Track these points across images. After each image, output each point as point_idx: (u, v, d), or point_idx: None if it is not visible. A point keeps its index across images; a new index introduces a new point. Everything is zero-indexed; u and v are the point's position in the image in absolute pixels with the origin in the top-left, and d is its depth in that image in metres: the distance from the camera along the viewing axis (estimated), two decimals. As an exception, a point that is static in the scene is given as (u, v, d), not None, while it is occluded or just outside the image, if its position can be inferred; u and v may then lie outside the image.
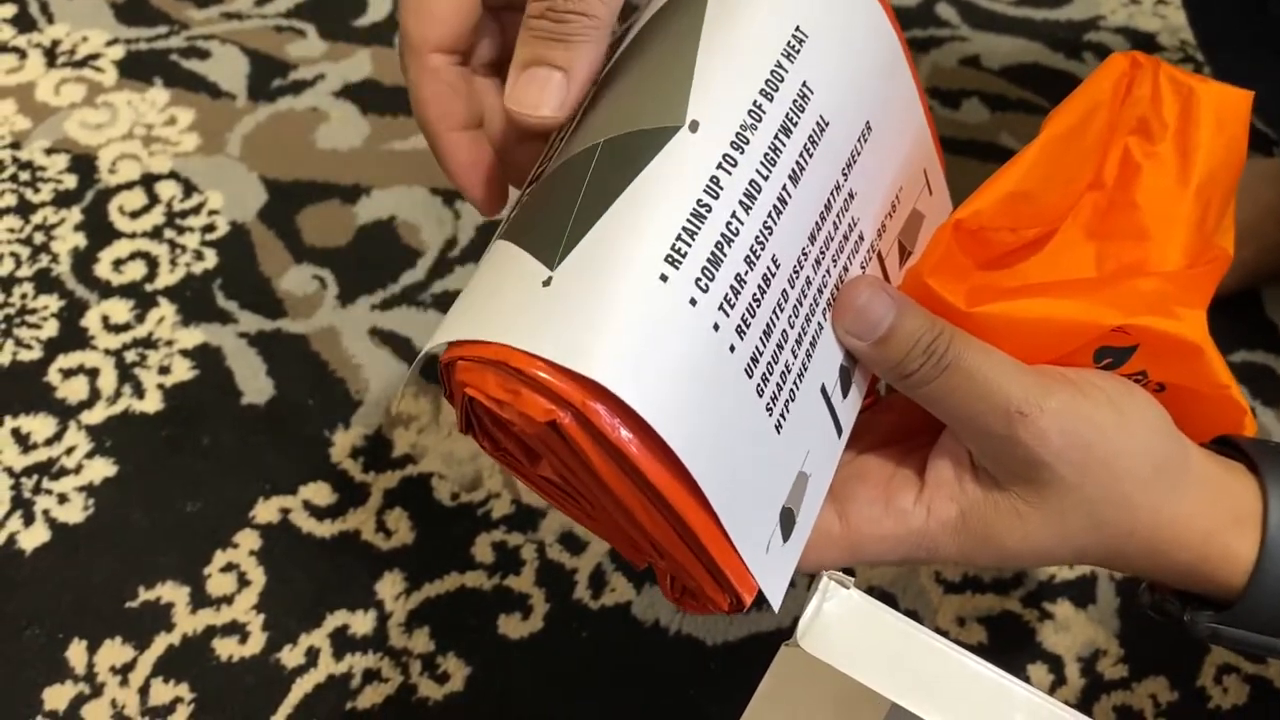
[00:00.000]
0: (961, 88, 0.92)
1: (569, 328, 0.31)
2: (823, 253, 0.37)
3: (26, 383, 0.75)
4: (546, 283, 0.32)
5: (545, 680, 0.64)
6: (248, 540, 0.68)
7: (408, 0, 0.39)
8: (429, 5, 0.39)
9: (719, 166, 0.34)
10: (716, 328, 0.33)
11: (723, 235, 0.33)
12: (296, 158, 0.87)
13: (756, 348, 0.34)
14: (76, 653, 0.64)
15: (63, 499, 0.70)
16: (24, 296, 0.79)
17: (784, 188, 0.35)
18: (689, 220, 0.33)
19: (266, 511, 0.69)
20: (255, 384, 0.75)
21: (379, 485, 0.71)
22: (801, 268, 0.36)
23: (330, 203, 0.85)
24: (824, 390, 0.37)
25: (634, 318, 0.32)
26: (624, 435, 0.31)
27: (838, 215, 0.37)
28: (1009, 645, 0.65)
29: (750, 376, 0.34)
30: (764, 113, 0.35)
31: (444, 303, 0.79)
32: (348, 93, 0.92)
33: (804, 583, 0.67)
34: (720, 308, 0.33)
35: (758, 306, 0.34)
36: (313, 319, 0.78)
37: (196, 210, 0.84)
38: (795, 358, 0.36)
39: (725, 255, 0.33)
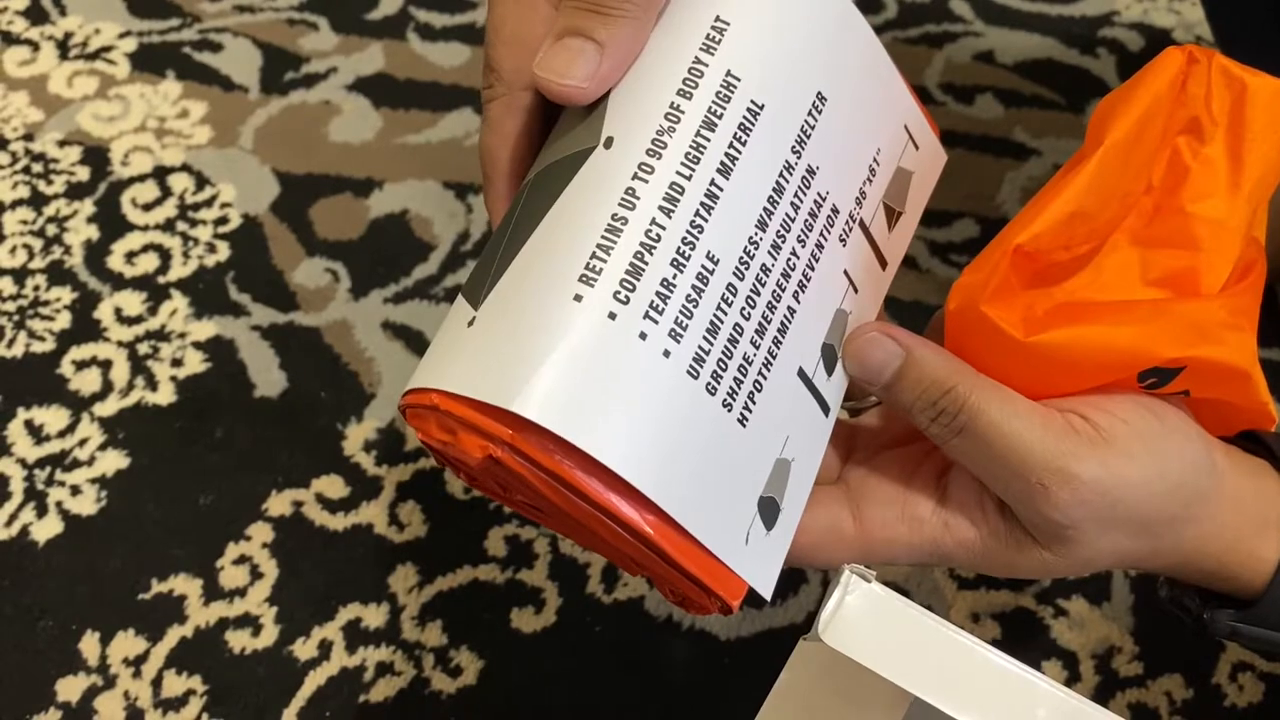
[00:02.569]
0: (975, 83, 0.92)
1: (489, 366, 0.32)
2: (781, 236, 0.36)
3: (39, 374, 0.75)
4: (470, 323, 0.34)
5: (558, 674, 0.64)
6: (260, 533, 0.68)
7: (501, 30, 0.37)
8: (527, 36, 0.37)
9: (634, 177, 0.34)
10: (644, 336, 0.33)
11: (641, 245, 0.33)
12: (309, 151, 0.87)
13: (699, 349, 0.33)
14: (89, 644, 0.64)
15: (75, 491, 0.70)
16: (37, 288, 0.79)
17: (712, 182, 0.34)
18: (603, 236, 0.33)
19: (279, 504, 0.69)
20: (268, 377, 0.75)
21: (392, 478, 0.70)
22: (752, 257, 0.35)
23: (343, 196, 0.85)
24: (802, 373, 0.37)
25: (552, 344, 0.32)
26: (561, 461, 0.31)
27: (796, 195, 0.36)
28: (1023, 642, 0.64)
29: (696, 378, 0.33)
30: (682, 113, 0.35)
31: (456, 297, 0.79)
32: (360, 86, 0.91)
33: (818, 578, 0.67)
34: (646, 316, 0.33)
35: (694, 307, 0.34)
36: (325, 312, 0.78)
37: (209, 203, 0.84)
38: (757, 348, 0.35)
39: (646, 264, 0.33)
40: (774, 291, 0.36)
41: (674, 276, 0.33)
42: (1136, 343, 0.38)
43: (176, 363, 0.75)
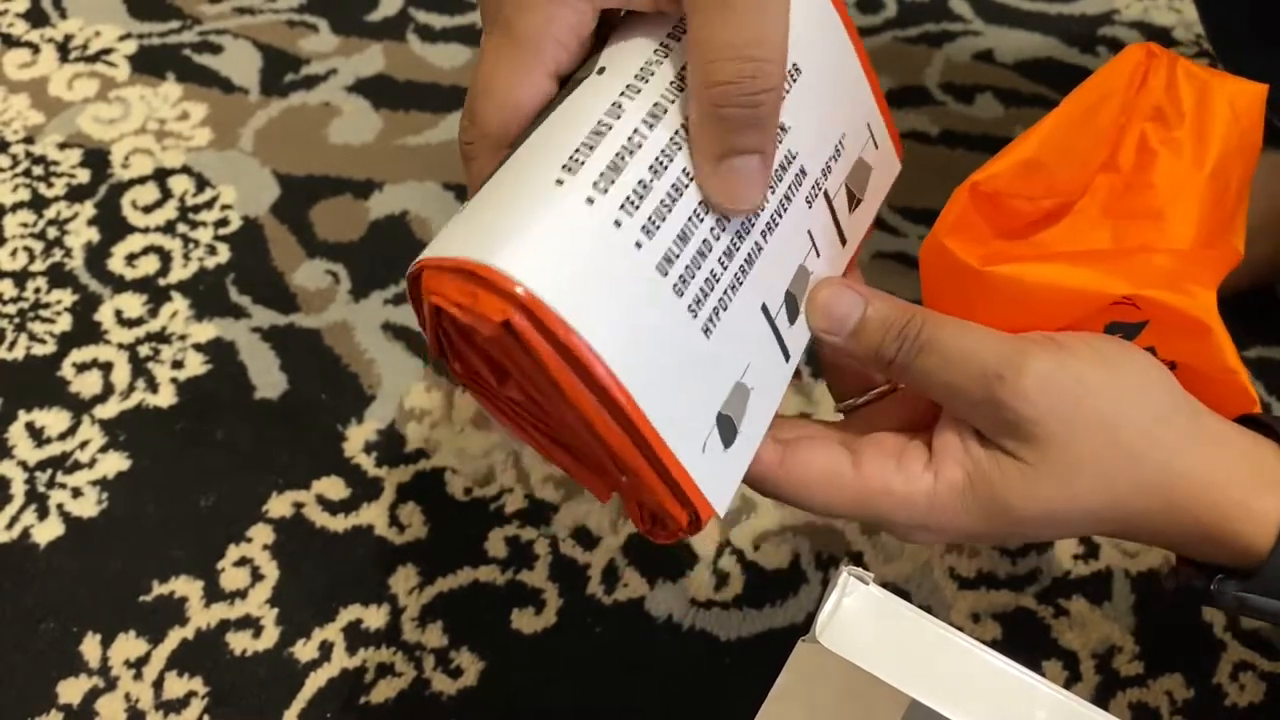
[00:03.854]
0: (975, 83, 0.92)
1: (482, 235, 0.34)
2: None
3: (40, 377, 0.75)
4: (463, 205, 0.36)
5: (558, 675, 0.64)
6: (261, 534, 0.68)
7: (491, 89, 0.37)
8: (511, 96, 0.37)
9: (621, 94, 0.36)
10: (618, 224, 0.34)
11: (624, 146, 0.35)
12: (309, 152, 0.87)
13: (670, 249, 0.35)
14: (90, 646, 0.64)
15: (76, 493, 0.70)
16: (37, 291, 0.79)
17: None
18: (588, 137, 0.35)
19: (280, 506, 0.69)
20: (268, 378, 0.75)
21: (392, 480, 0.71)
22: None
23: (343, 198, 0.85)
24: (765, 310, 0.38)
25: (534, 219, 0.34)
26: (570, 334, 0.33)
27: None
28: (1023, 642, 0.64)
29: (665, 275, 0.35)
30: (669, 50, 0.37)
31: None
32: (360, 87, 0.91)
33: (818, 577, 0.67)
34: (622, 207, 0.34)
35: (667, 211, 0.35)
36: (325, 313, 0.78)
37: (209, 205, 0.84)
38: (725, 269, 0.37)
39: (626, 163, 0.35)
40: (743, 224, 0.37)
41: (650, 180, 0.35)
42: (1093, 281, 0.40)
43: (177, 365, 0.75)
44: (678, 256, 0.35)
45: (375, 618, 0.65)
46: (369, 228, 0.83)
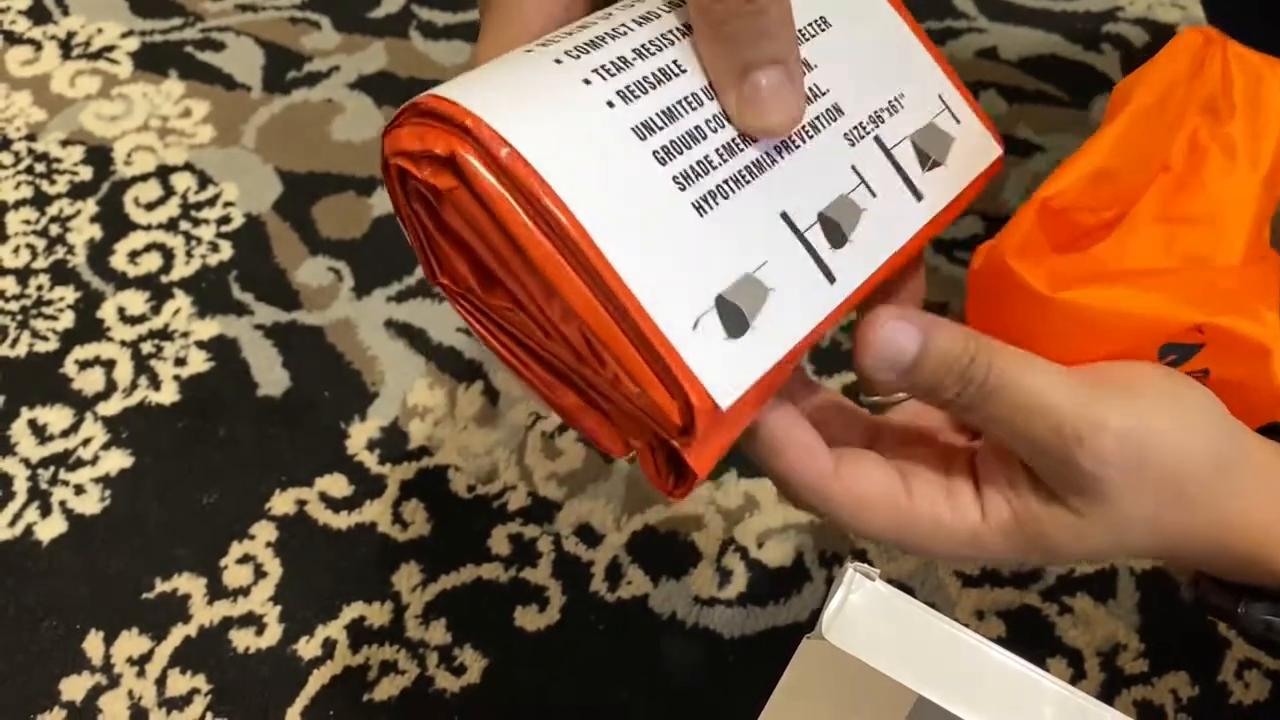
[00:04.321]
0: (979, 79, 0.92)
1: (462, 81, 0.32)
2: None
3: (43, 374, 0.75)
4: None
5: (562, 672, 0.63)
6: (264, 532, 0.68)
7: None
8: None
9: (620, 8, 0.35)
10: (588, 83, 0.33)
11: (606, 33, 0.34)
12: (311, 150, 0.87)
13: (651, 119, 0.33)
14: (93, 644, 0.64)
15: (79, 490, 0.70)
16: (40, 288, 0.79)
17: (688, 25, 0.35)
18: (573, 31, 0.34)
19: (283, 503, 0.69)
20: (271, 376, 0.75)
21: (395, 477, 0.70)
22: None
23: (345, 194, 0.85)
24: (787, 218, 0.36)
25: (495, 72, 0.33)
26: (513, 161, 0.31)
27: None
28: (1028, 639, 0.64)
29: (642, 140, 0.33)
30: None
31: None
32: (362, 84, 0.91)
33: (821, 575, 0.67)
34: (595, 70, 0.33)
35: (650, 87, 0.34)
36: (328, 311, 0.78)
37: (212, 202, 0.84)
38: (722, 160, 0.34)
39: (605, 43, 0.34)
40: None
41: (631, 58, 0.34)
42: (1162, 306, 0.38)
43: (180, 362, 0.75)
44: (660, 129, 0.33)
45: (378, 615, 0.65)
46: (371, 225, 0.83)
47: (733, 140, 0.35)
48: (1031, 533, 0.38)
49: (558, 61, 0.33)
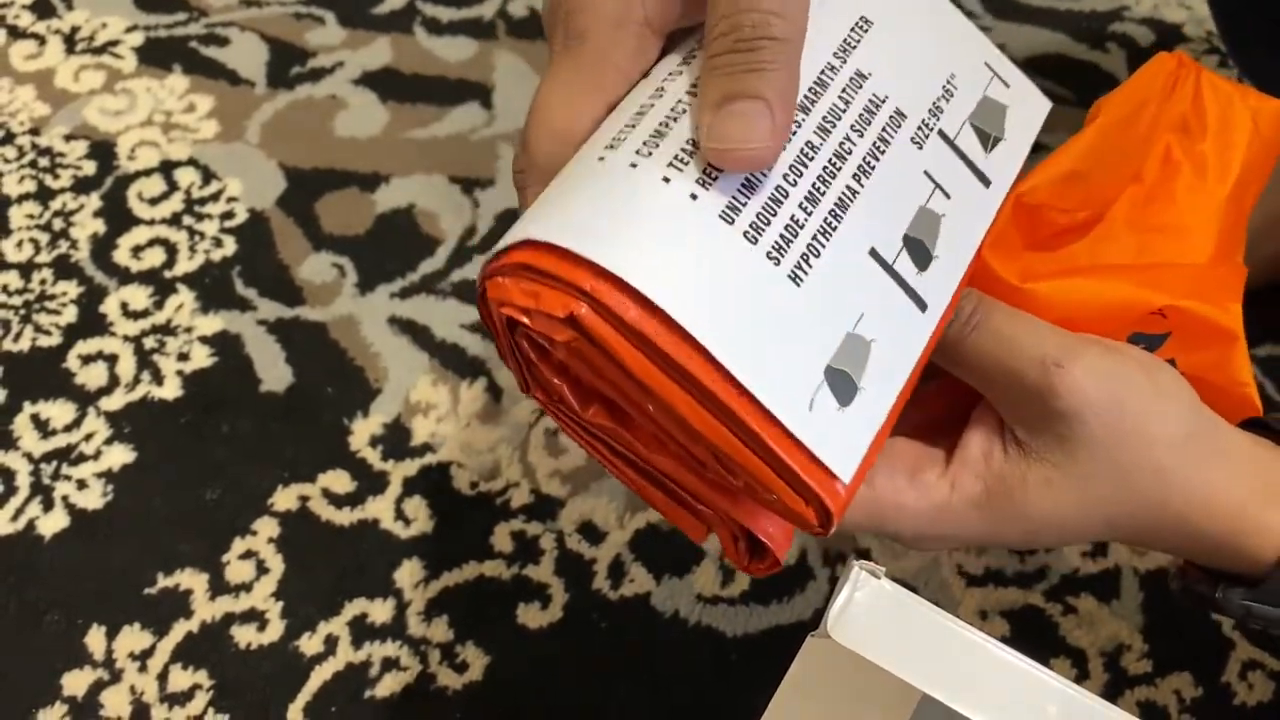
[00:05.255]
0: (984, 78, 0.91)
1: (546, 213, 0.33)
2: (829, 122, 0.36)
3: (46, 369, 0.75)
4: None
5: (564, 670, 0.63)
6: (267, 528, 0.68)
7: (547, 118, 0.35)
8: (567, 127, 0.35)
9: (664, 79, 0.35)
10: (667, 180, 0.33)
11: (667, 116, 0.34)
12: (315, 145, 0.87)
13: (733, 199, 0.33)
14: (95, 639, 0.64)
15: (82, 485, 0.70)
16: (43, 282, 0.79)
17: None
18: (631, 118, 0.34)
19: (285, 499, 0.69)
20: (274, 371, 0.75)
21: (398, 474, 0.70)
22: (794, 134, 0.35)
23: (349, 190, 0.84)
24: (876, 254, 0.36)
25: (579, 193, 0.33)
26: (636, 314, 0.31)
27: (844, 91, 0.37)
28: (1031, 639, 0.64)
29: (730, 224, 0.33)
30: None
31: (463, 291, 0.79)
32: (367, 80, 0.91)
33: (825, 574, 0.67)
34: (670, 164, 0.33)
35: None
36: (332, 307, 0.78)
37: (215, 197, 0.84)
38: (808, 215, 0.34)
39: (670, 128, 0.34)
40: (824, 168, 0.35)
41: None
42: (1130, 293, 0.40)
43: (183, 357, 0.75)
44: (744, 205, 0.33)
45: (380, 612, 0.65)
46: (375, 221, 0.83)
47: (813, 188, 0.35)
48: (1002, 502, 0.39)
49: (633, 166, 0.33)
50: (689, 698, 0.63)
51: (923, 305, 0.36)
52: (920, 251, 0.37)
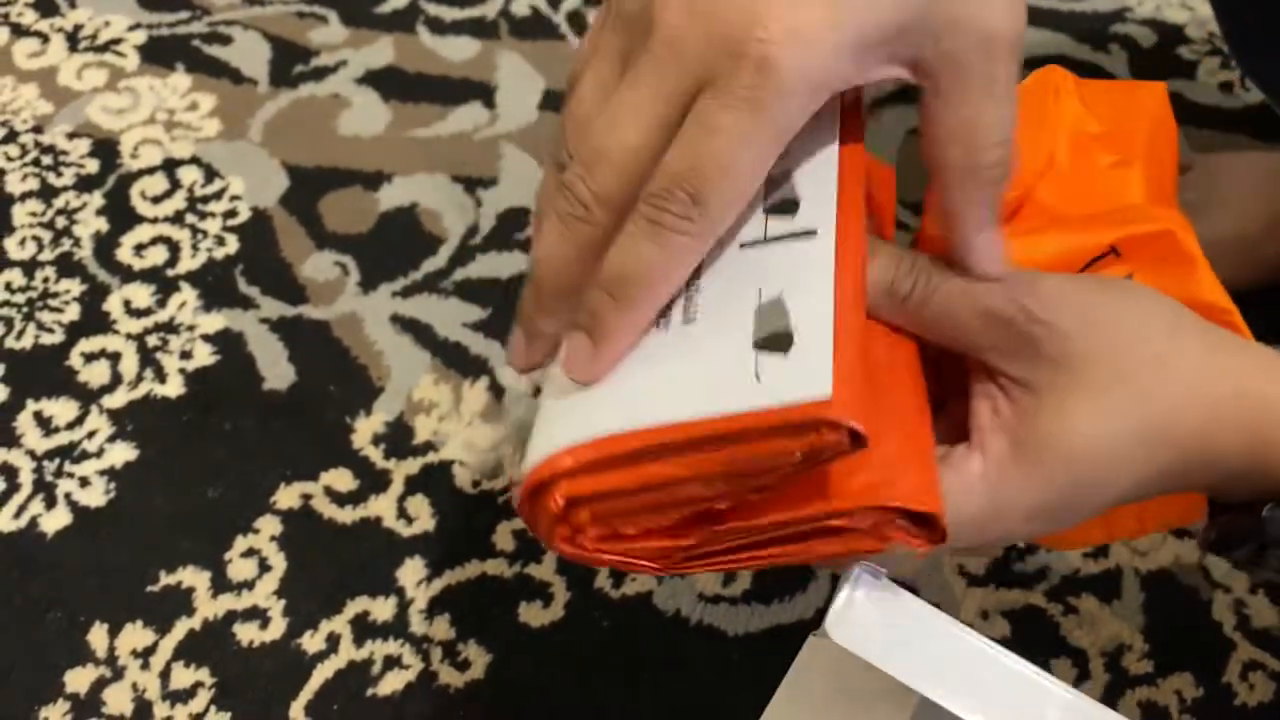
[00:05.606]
0: (987, 78, 0.91)
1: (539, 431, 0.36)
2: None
3: (48, 366, 0.75)
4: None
5: (566, 669, 0.64)
6: (269, 526, 0.68)
7: (726, 167, 0.34)
8: (746, 187, 0.35)
9: None
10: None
11: None
12: (318, 144, 0.87)
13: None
14: (98, 636, 0.64)
15: (84, 482, 0.70)
16: (46, 280, 0.79)
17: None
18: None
19: (288, 497, 0.69)
20: (277, 370, 0.75)
21: (400, 472, 0.70)
22: None
23: (352, 189, 0.85)
24: (745, 243, 0.37)
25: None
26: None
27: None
28: (1033, 640, 0.64)
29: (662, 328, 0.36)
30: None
31: (465, 290, 0.79)
32: (370, 79, 0.91)
33: (827, 574, 0.67)
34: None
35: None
36: (334, 305, 0.78)
37: (218, 195, 0.84)
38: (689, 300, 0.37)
39: None
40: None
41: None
42: (1076, 238, 0.41)
43: (185, 355, 0.75)
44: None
45: (383, 610, 0.65)
46: (378, 219, 0.83)
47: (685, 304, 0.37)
48: (1030, 444, 0.37)
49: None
50: (690, 697, 0.63)
51: (811, 233, 0.37)
52: (785, 206, 0.38)
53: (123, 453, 0.71)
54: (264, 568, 0.67)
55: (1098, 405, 0.37)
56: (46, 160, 0.85)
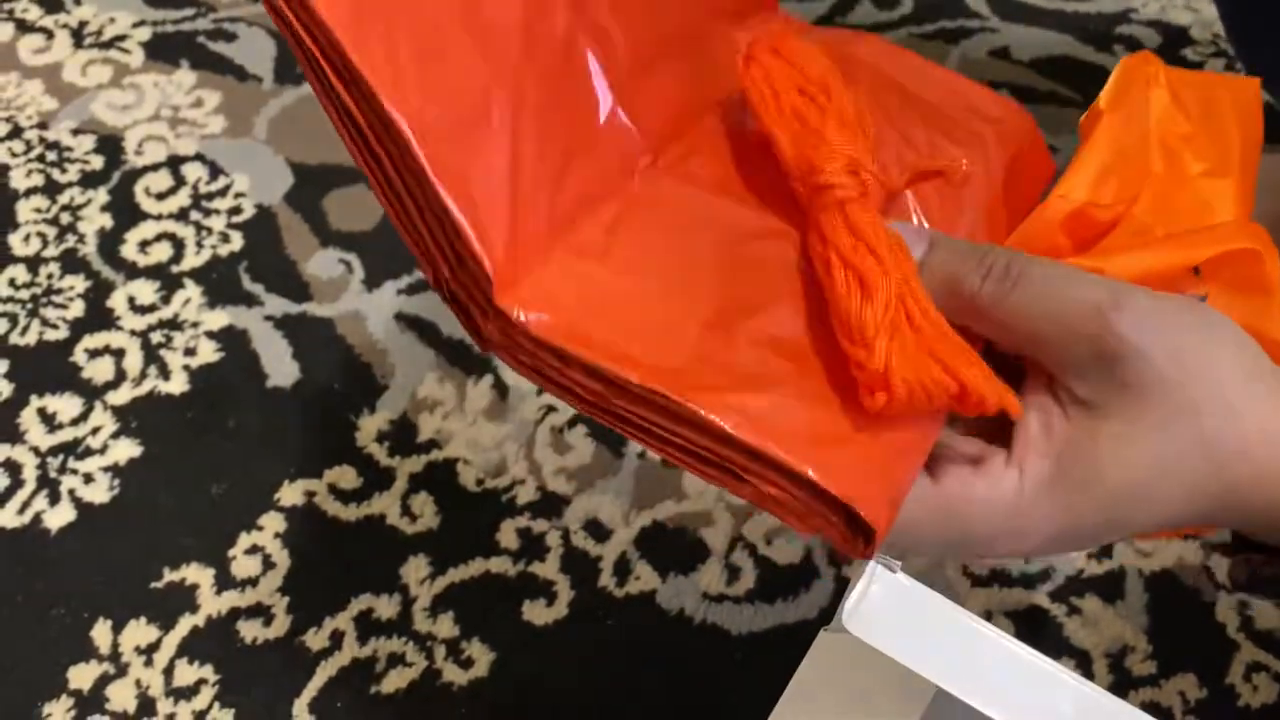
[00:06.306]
0: (991, 79, 0.92)
1: None
2: None
3: (52, 363, 0.75)
4: None
5: (569, 667, 0.63)
6: (273, 523, 0.68)
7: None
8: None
9: None
10: None
11: None
12: (323, 141, 0.87)
13: None
14: (101, 633, 0.64)
15: (88, 479, 0.70)
16: (50, 276, 0.79)
17: None
18: None
19: (291, 494, 0.69)
20: (281, 367, 0.75)
21: (404, 470, 0.70)
22: None
23: (357, 186, 0.85)
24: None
25: None
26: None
27: None
28: (1036, 640, 0.64)
29: None
30: None
31: (470, 288, 0.79)
32: (374, 77, 0.91)
33: (830, 573, 0.67)
34: None
35: None
36: (339, 303, 0.78)
37: (223, 193, 0.84)
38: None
39: None
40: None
41: None
42: (1165, 257, 0.41)
43: (189, 352, 0.75)
44: None
45: (386, 607, 0.65)
46: (382, 217, 0.83)
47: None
48: (1075, 472, 0.36)
49: None
50: (693, 696, 0.63)
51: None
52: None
53: (126, 449, 0.71)
54: (268, 565, 0.67)
55: (1158, 444, 0.35)
56: (51, 156, 0.85)
